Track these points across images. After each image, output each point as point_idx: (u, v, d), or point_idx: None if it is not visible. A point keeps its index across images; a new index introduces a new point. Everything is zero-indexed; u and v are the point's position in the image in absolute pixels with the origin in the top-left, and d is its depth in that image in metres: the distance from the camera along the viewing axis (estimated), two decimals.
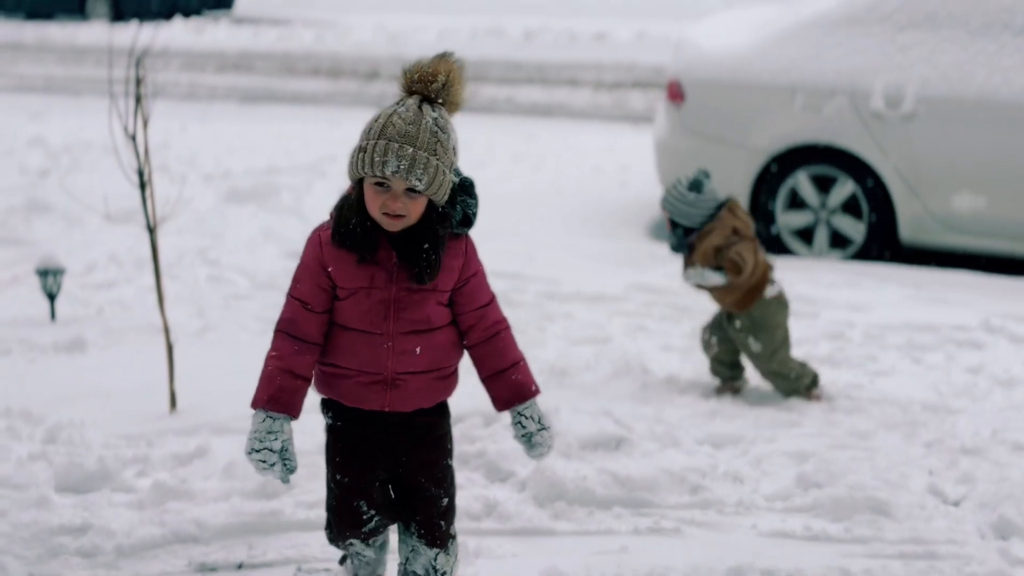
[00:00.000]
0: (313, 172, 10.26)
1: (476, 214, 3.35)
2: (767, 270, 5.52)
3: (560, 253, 7.98)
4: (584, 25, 20.53)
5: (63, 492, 4.42)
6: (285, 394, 3.27)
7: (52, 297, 6.35)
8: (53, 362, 5.81)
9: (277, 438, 3.26)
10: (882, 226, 7.98)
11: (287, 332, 3.31)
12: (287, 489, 4.45)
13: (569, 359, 5.95)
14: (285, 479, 3.31)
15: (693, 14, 17.17)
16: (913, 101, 7.77)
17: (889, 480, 4.64)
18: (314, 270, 3.29)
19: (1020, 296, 7.29)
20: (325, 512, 3.53)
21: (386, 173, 3.11)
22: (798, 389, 5.56)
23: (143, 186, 5.07)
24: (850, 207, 8.07)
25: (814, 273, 7.64)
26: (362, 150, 3.15)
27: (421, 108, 3.16)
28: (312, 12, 24.26)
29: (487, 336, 3.40)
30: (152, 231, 5.15)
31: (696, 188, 5.44)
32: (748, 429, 5.17)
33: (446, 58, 3.22)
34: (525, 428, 3.39)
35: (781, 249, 8.23)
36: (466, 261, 3.34)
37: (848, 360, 6.11)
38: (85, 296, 6.80)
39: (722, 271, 5.40)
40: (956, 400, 5.58)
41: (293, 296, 3.33)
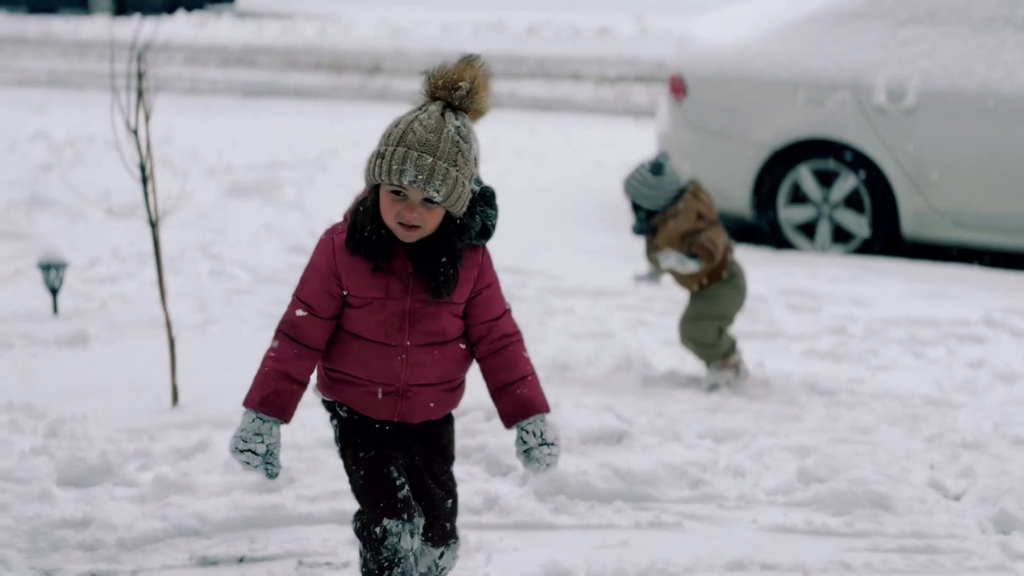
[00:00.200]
0: (315, 166, 10.26)
1: (495, 225, 3.23)
2: (728, 252, 5.57)
3: (562, 248, 7.98)
4: (587, 19, 20.52)
5: (65, 486, 4.42)
6: (279, 398, 3.18)
7: (54, 291, 6.36)
8: (55, 356, 5.81)
9: (263, 441, 3.16)
10: (884, 220, 7.98)
11: (288, 334, 3.20)
12: (288, 483, 4.45)
13: (570, 353, 5.96)
14: (269, 477, 3.21)
15: (696, 9, 17.13)
16: (915, 95, 7.77)
17: (890, 474, 4.65)
18: (324, 275, 3.17)
19: (1022, 291, 7.29)
20: (355, 501, 3.34)
21: (403, 182, 3.00)
22: (714, 357, 5.59)
23: (145, 180, 5.07)
24: (852, 201, 8.07)
25: (816, 268, 7.65)
26: (380, 156, 3.04)
27: (444, 116, 3.05)
28: (315, 6, 24.25)
29: (496, 348, 3.28)
30: (154, 225, 5.15)
31: (658, 171, 5.48)
32: (749, 423, 5.17)
33: (472, 63, 3.09)
34: (525, 443, 3.23)
35: (784, 243, 8.23)
36: (481, 272, 3.23)
37: (850, 354, 6.12)
38: (87, 290, 6.80)
39: (696, 258, 5.44)
40: (957, 395, 5.58)
41: (299, 298, 3.21)
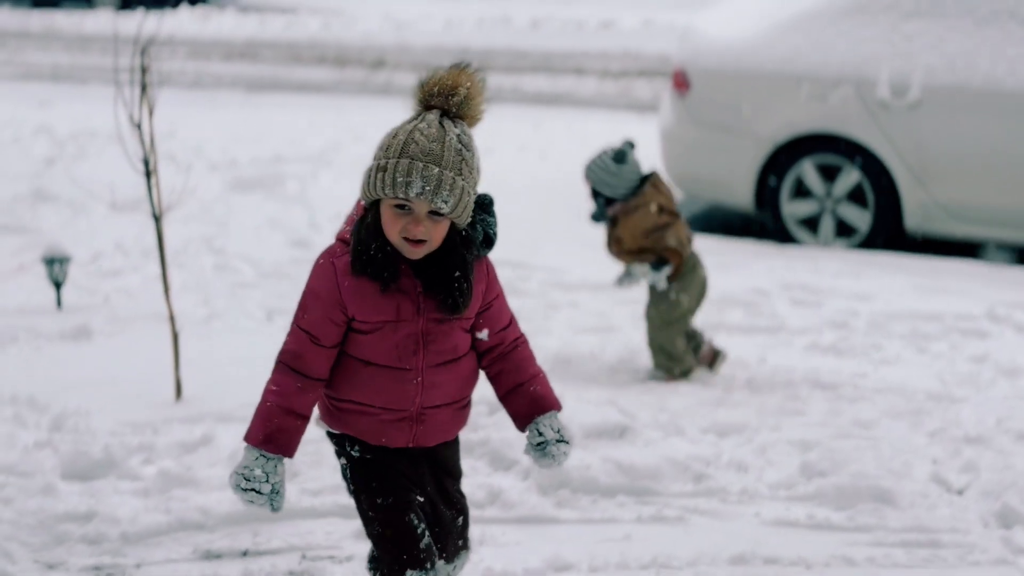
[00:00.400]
0: (319, 161, 10.25)
1: (496, 233, 3.13)
2: (688, 245, 5.60)
3: (565, 242, 7.98)
4: (590, 13, 20.48)
5: (69, 479, 4.43)
6: (282, 435, 3.06)
7: (58, 285, 6.36)
8: (59, 350, 5.82)
9: (268, 479, 3.05)
10: (887, 215, 7.97)
11: (290, 366, 3.07)
12: (292, 477, 4.45)
13: (574, 347, 5.96)
14: (274, 511, 3.10)
15: (699, 3, 17.10)
16: (919, 90, 7.76)
17: (893, 469, 4.65)
18: (327, 302, 3.03)
19: None
20: (370, 547, 3.24)
21: (409, 195, 2.89)
22: (670, 369, 5.61)
23: (149, 174, 5.08)
24: (856, 196, 8.07)
25: (819, 262, 7.65)
26: (382, 169, 2.91)
27: (443, 124, 2.95)
28: (318, 0, 24.23)
29: (506, 352, 3.22)
30: (158, 219, 5.15)
31: (620, 159, 5.50)
32: (752, 418, 5.17)
33: (465, 70, 3.01)
34: (542, 436, 3.16)
35: (787, 238, 8.23)
36: (489, 284, 3.15)
37: (852, 349, 6.11)
38: (91, 284, 6.81)
39: (665, 264, 5.46)
40: (960, 389, 5.58)
41: (300, 327, 3.06)
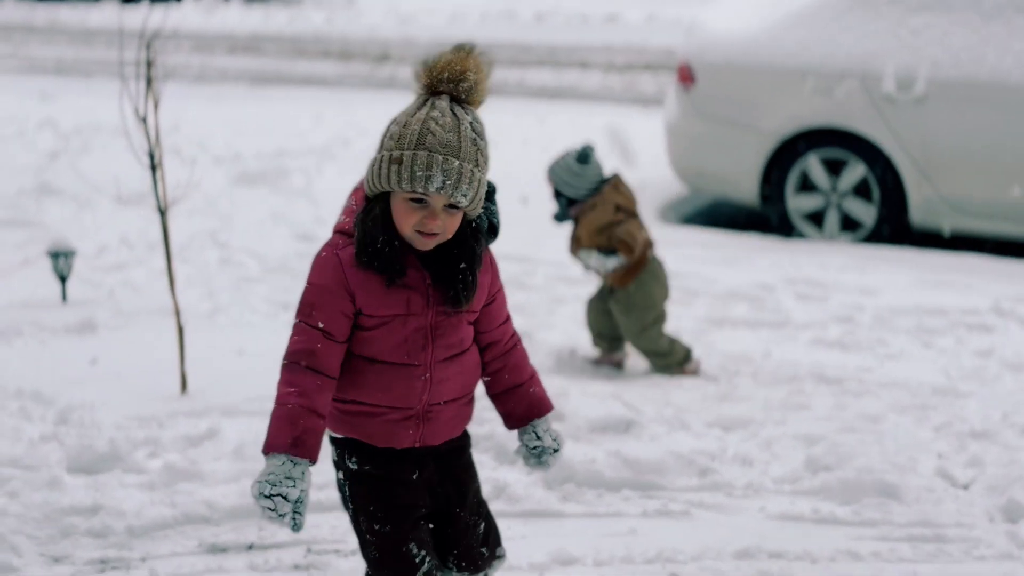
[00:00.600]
0: (323, 155, 10.26)
1: (500, 222, 3.03)
2: (648, 246, 5.60)
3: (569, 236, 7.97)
4: (595, 7, 20.47)
5: (74, 473, 4.44)
6: (310, 436, 2.81)
7: (63, 279, 6.37)
8: (64, 344, 5.82)
9: (296, 485, 2.76)
10: (893, 209, 7.96)
11: (305, 365, 2.85)
12: None
13: (578, 342, 5.96)
14: (294, 530, 2.80)
15: None
16: (924, 84, 7.75)
17: (898, 463, 4.64)
18: (336, 294, 2.86)
19: None
20: (367, 566, 3.09)
21: (429, 189, 2.74)
22: (670, 365, 5.62)
23: (154, 168, 5.08)
24: (861, 190, 8.06)
25: (824, 256, 7.64)
26: (396, 161, 2.76)
27: (455, 112, 2.80)
28: None
29: (505, 351, 3.12)
30: (163, 213, 5.15)
31: (583, 160, 5.54)
32: (757, 412, 5.17)
33: (471, 53, 2.85)
34: (540, 441, 3.11)
35: (792, 232, 8.22)
36: (493, 276, 3.05)
37: (858, 343, 6.11)
38: (96, 278, 6.81)
39: (614, 253, 5.47)
40: (965, 384, 5.57)
41: (309, 324, 2.87)
